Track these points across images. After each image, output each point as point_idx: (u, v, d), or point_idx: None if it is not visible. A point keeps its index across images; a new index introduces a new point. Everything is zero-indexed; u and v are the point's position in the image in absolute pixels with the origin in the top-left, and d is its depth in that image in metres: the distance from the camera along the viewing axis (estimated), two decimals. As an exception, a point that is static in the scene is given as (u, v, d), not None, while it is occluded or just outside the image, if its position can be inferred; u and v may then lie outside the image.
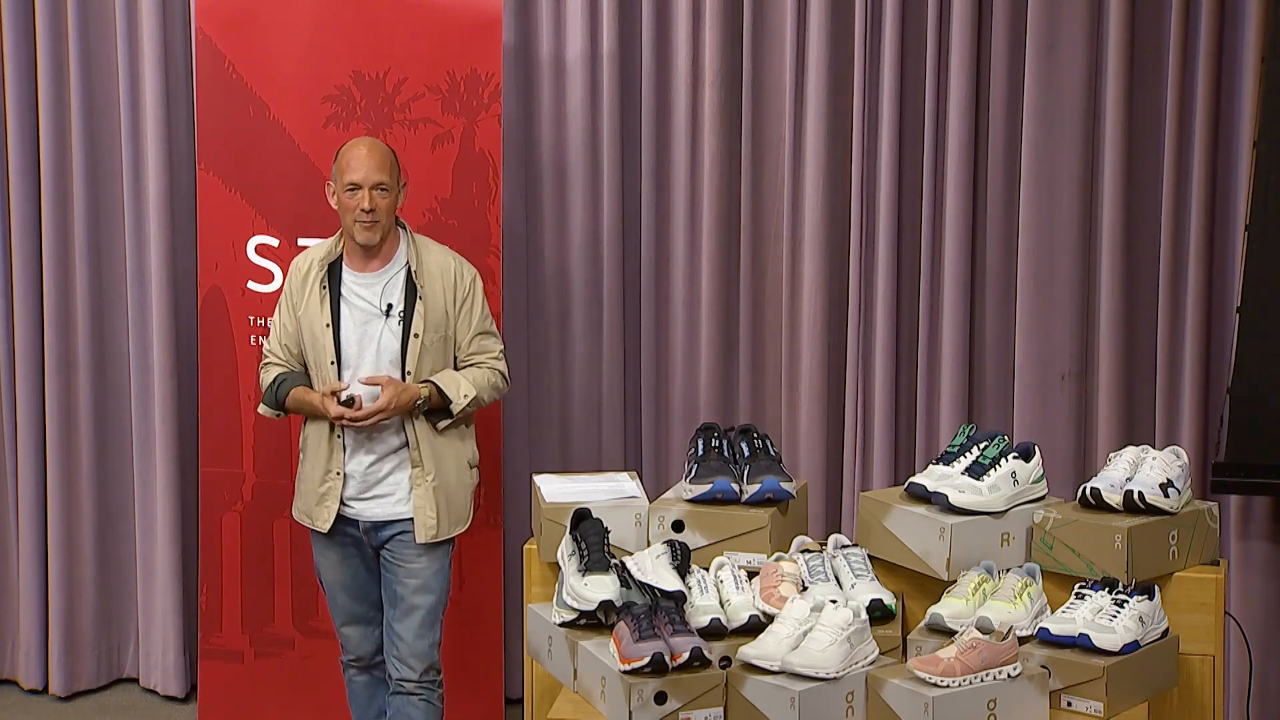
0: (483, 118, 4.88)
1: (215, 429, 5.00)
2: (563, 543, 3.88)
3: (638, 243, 5.21)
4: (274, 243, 4.91)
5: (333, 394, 4.16)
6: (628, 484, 4.19)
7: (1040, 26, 4.85)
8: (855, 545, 3.95)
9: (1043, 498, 3.96)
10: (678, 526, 3.98)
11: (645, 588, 3.69)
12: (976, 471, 3.86)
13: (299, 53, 4.87)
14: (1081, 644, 3.58)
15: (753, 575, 3.85)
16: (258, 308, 4.91)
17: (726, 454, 4.10)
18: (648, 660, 3.45)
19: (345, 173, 4.22)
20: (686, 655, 3.48)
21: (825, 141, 5.01)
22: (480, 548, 5.01)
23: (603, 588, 3.68)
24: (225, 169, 4.91)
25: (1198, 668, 3.80)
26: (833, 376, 5.11)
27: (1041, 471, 3.96)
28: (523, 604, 4.16)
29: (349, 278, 4.26)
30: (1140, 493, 3.80)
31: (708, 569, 3.84)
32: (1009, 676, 3.48)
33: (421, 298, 4.22)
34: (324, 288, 4.24)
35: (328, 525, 4.28)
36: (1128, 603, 3.62)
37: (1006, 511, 3.86)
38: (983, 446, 3.91)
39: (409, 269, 4.25)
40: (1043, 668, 3.56)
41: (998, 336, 5.03)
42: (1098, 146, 4.89)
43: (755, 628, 3.67)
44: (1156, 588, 3.72)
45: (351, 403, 4.15)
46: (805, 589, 3.77)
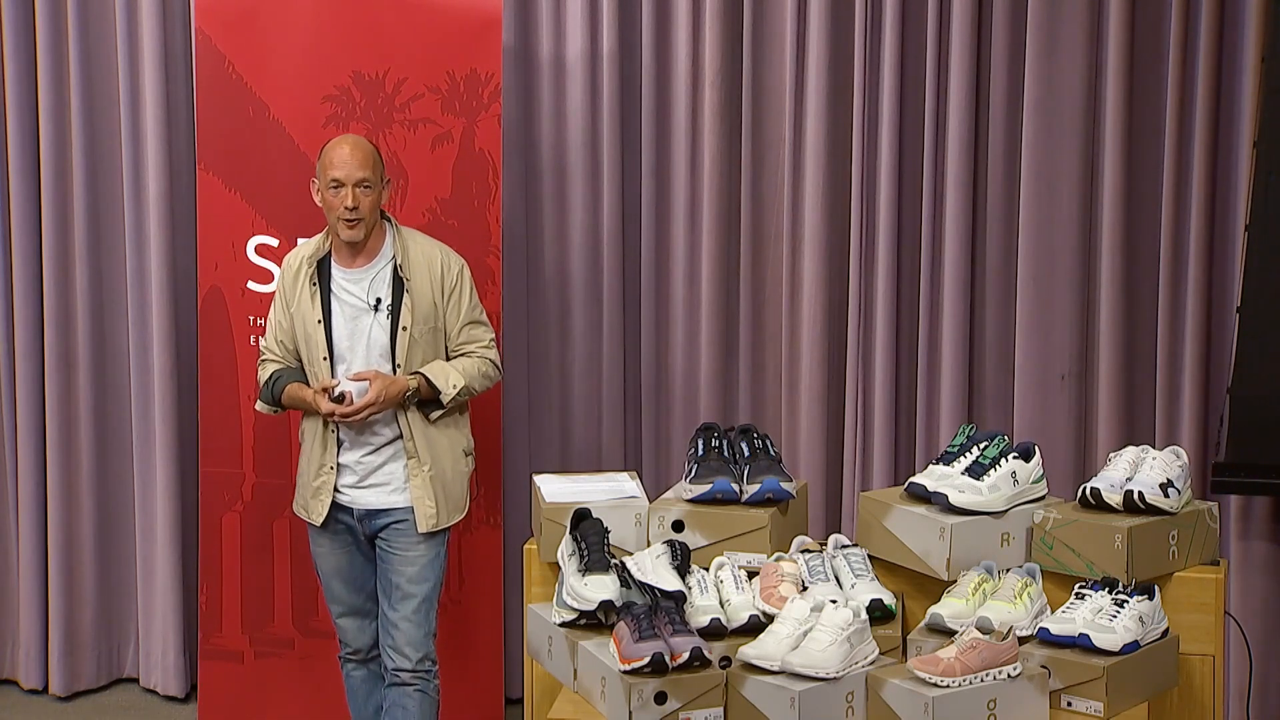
0: (483, 118, 4.88)
1: (215, 429, 5.00)
2: (563, 543, 3.88)
3: (638, 243, 5.21)
4: (274, 243, 4.91)
5: (324, 391, 4.19)
6: (628, 484, 4.19)
7: (1040, 26, 4.85)
8: (855, 545, 3.95)
9: (1043, 498, 3.96)
10: (678, 526, 3.98)
11: (645, 588, 3.69)
12: (976, 471, 3.86)
13: (299, 53, 4.87)
14: (1081, 644, 3.58)
15: (753, 575, 3.85)
16: (258, 308, 4.91)
17: (726, 454, 4.10)
18: (648, 660, 3.45)
19: (328, 170, 4.23)
20: (686, 655, 3.48)
21: (825, 141, 5.01)
22: (480, 548, 5.01)
23: (603, 588, 3.68)
24: (225, 169, 4.91)
25: (1198, 668, 3.80)
26: (833, 376, 5.11)
27: (1041, 471, 3.96)
28: (523, 604, 4.16)
29: (337, 274, 4.28)
30: (1140, 493, 3.80)
31: (708, 569, 3.84)
32: (1009, 676, 3.48)
33: (408, 290, 4.24)
34: (314, 284, 4.27)
35: (321, 518, 4.32)
36: (1128, 603, 3.62)
37: (1006, 511, 3.86)
38: (983, 446, 3.91)
39: (395, 263, 4.27)
40: (1043, 668, 3.56)
41: (998, 336, 5.03)
42: (1098, 146, 4.89)
43: (755, 628, 3.67)
44: (1156, 588, 3.72)
45: (343, 399, 4.17)
46: (805, 589, 3.77)
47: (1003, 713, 3.46)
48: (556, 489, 4.14)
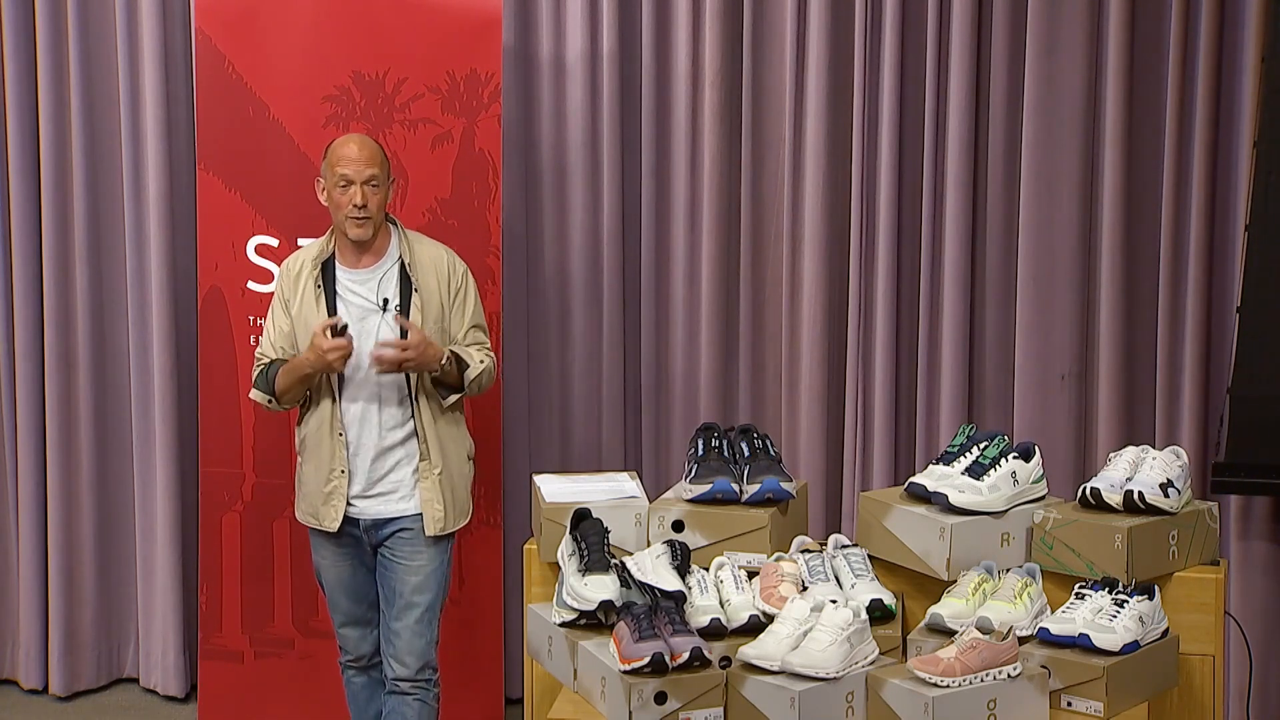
0: (483, 118, 4.88)
1: (215, 429, 5.00)
2: (563, 543, 3.88)
3: (638, 243, 5.21)
4: (274, 243, 4.91)
5: (324, 330, 4.08)
6: (628, 484, 4.19)
7: (1040, 27, 4.85)
8: (855, 545, 3.95)
9: (1043, 498, 3.96)
10: (678, 526, 3.98)
11: (645, 588, 3.69)
12: (976, 471, 3.86)
13: (299, 53, 4.87)
14: (1081, 644, 3.58)
15: (753, 575, 3.85)
16: (258, 308, 4.91)
17: (726, 454, 4.10)
18: (648, 660, 3.45)
19: (336, 168, 4.19)
20: (686, 655, 3.48)
21: (825, 141, 5.01)
22: (480, 548, 5.01)
23: (603, 588, 3.68)
24: (225, 169, 4.91)
25: (1198, 668, 3.80)
26: (833, 376, 5.11)
27: (1041, 471, 3.96)
28: (523, 604, 4.16)
29: (343, 275, 4.24)
30: (1140, 493, 3.80)
31: (708, 569, 3.84)
32: (1009, 676, 3.48)
33: (417, 290, 4.21)
34: (318, 286, 4.22)
35: (336, 524, 4.25)
36: (1128, 603, 3.62)
37: (1006, 511, 3.86)
38: (983, 446, 3.91)
39: (402, 263, 4.23)
40: (1043, 668, 3.56)
41: (998, 336, 5.03)
42: (1098, 146, 4.89)
43: (755, 628, 3.67)
44: (1156, 588, 3.72)
45: (344, 331, 4.09)
46: (805, 589, 3.77)
47: (1003, 713, 3.46)
48: (556, 489, 4.14)
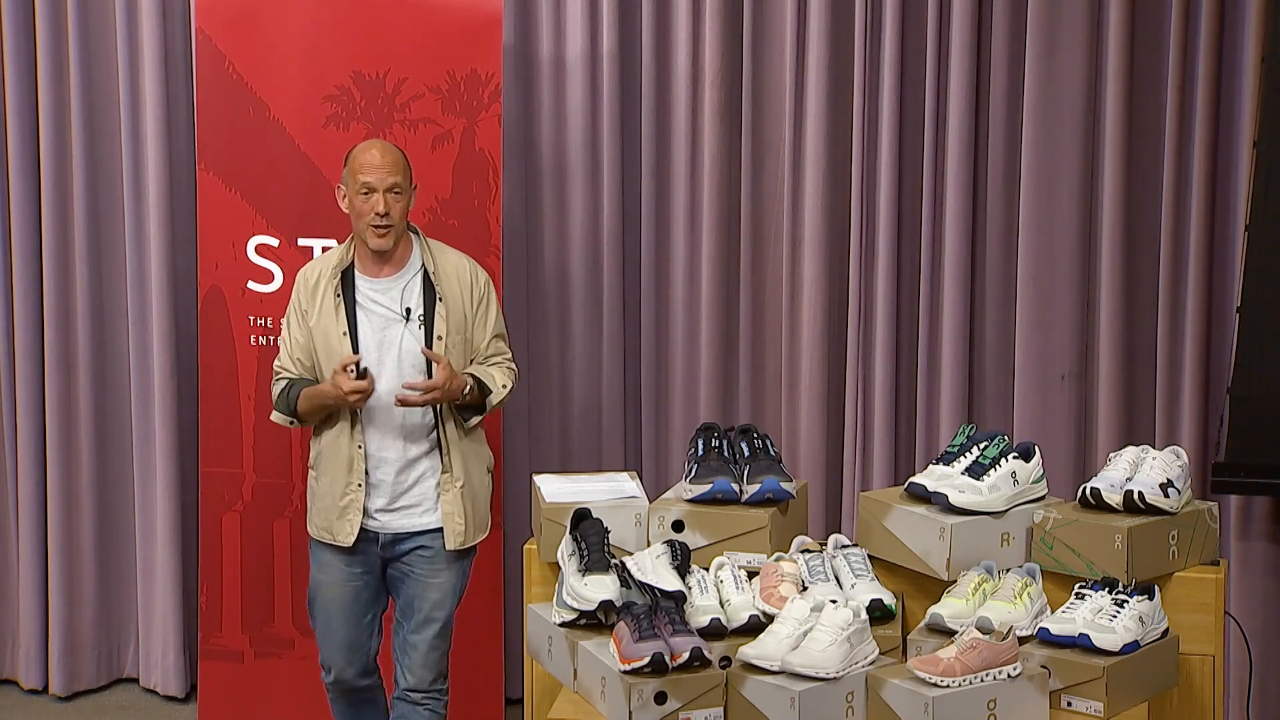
0: (483, 118, 4.88)
1: (215, 429, 5.00)
2: (563, 543, 3.88)
3: (638, 243, 5.21)
4: (274, 243, 4.91)
5: (344, 369, 4.05)
6: (628, 484, 4.19)
7: (1040, 27, 4.85)
8: (855, 545, 3.95)
9: (1043, 498, 3.96)
10: (678, 526, 3.98)
11: (645, 588, 3.68)
12: (976, 471, 3.86)
13: (299, 53, 4.87)
14: (1081, 644, 3.58)
15: (753, 575, 3.85)
16: (258, 308, 4.91)
17: (726, 454, 4.10)
18: (648, 660, 3.45)
19: (358, 175, 4.13)
20: (686, 655, 3.48)
21: (825, 141, 5.01)
22: (480, 548, 4.99)
23: (603, 588, 3.68)
24: (225, 169, 4.91)
25: (1198, 668, 3.80)
26: (833, 376, 5.11)
27: (1041, 471, 3.96)
28: (523, 604, 4.16)
29: (363, 284, 4.18)
30: (1140, 493, 3.80)
31: (708, 569, 3.83)
32: (1009, 676, 3.48)
33: (441, 299, 4.17)
34: (338, 296, 4.16)
35: (352, 538, 4.18)
36: (1128, 603, 3.62)
37: (1006, 511, 3.86)
38: (983, 446, 3.91)
39: (425, 272, 4.19)
40: (1043, 668, 3.56)
41: (998, 336, 5.03)
42: (1098, 146, 4.89)
43: (755, 628, 3.67)
44: (1156, 588, 3.72)
45: (366, 374, 4.07)
46: (805, 589, 3.77)
47: (1003, 713, 3.46)
48: (556, 489, 4.13)
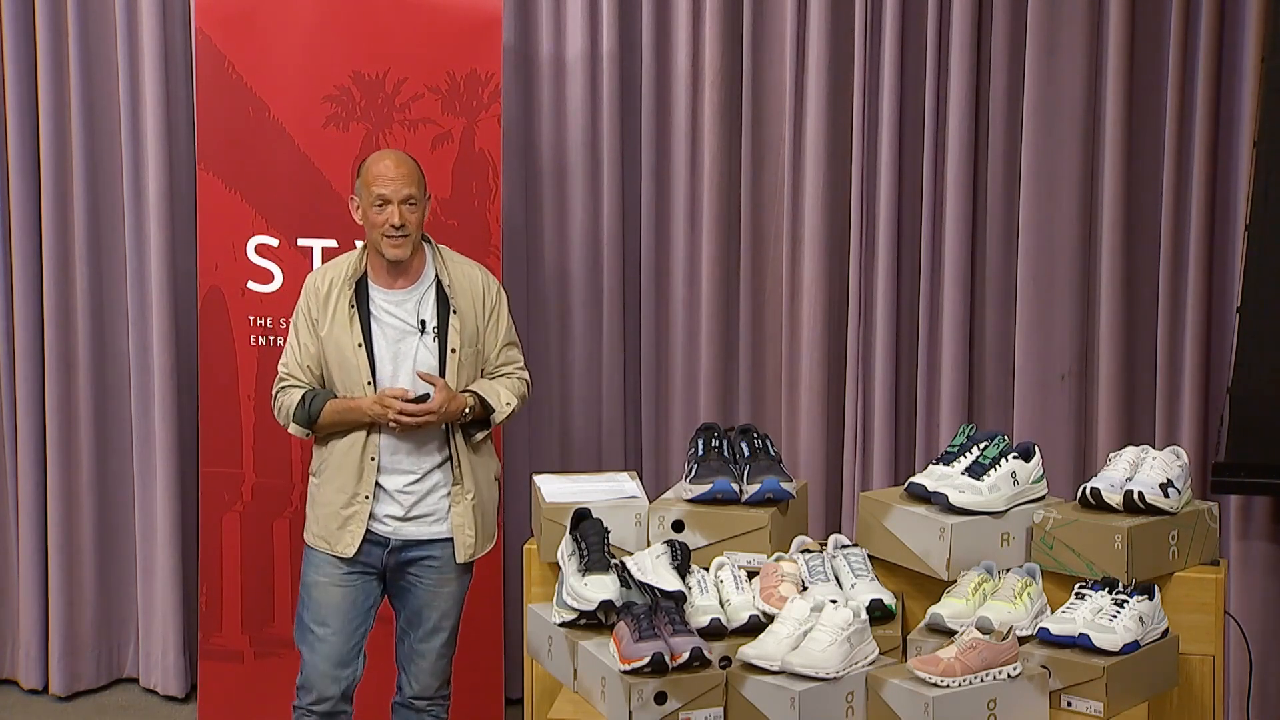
0: (483, 118, 4.88)
1: (215, 429, 5.00)
2: (563, 543, 3.88)
3: (638, 243, 5.21)
4: (274, 243, 4.91)
5: (395, 398, 4.01)
6: (628, 484, 4.19)
7: (1040, 27, 4.85)
8: (855, 545, 3.95)
9: (1043, 498, 3.96)
10: (678, 526, 3.98)
11: (645, 588, 3.68)
12: (976, 471, 3.86)
13: (299, 53, 4.87)
14: (1081, 644, 3.58)
15: (753, 575, 3.85)
16: (258, 308, 4.91)
17: (726, 454, 4.10)
18: (648, 660, 3.45)
19: (372, 186, 4.08)
20: (686, 655, 3.48)
21: (825, 141, 5.01)
22: (480, 548, 5.01)
23: (603, 588, 3.68)
24: (225, 169, 4.91)
25: (1198, 668, 3.80)
26: (833, 376, 5.11)
27: (1041, 471, 3.96)
28: (523, 604, 4.16)
29: (377, 295, 4.14)
30: (1140, 493, 3.80)
31: (708, 569, 3.83)
32: (1009, 676, 3.48)
33: (455, 311, 4.13)
34: (353, 307, 4.11)
35: (352, 550, 4.14)
36: (1128, 603, 3.62)
37: (1006, 511, 3.86)
38: (983, 446, 3.91)
39: (439, 283, 4.15)
40: (1043, 668, 3.56)
41: (998, 336, 5.03)
42: (1098, 146, 4.89)
43: (755, 628, 3.67)
44: (1156, 588, 3.72)
45: (426, 399, 4.04)
46: (805, 589, 3.77)
47: (1003, 713, 3.46)
48: (556, 489, 4.13)
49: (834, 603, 3.61)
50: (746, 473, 4.04)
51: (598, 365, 5.26)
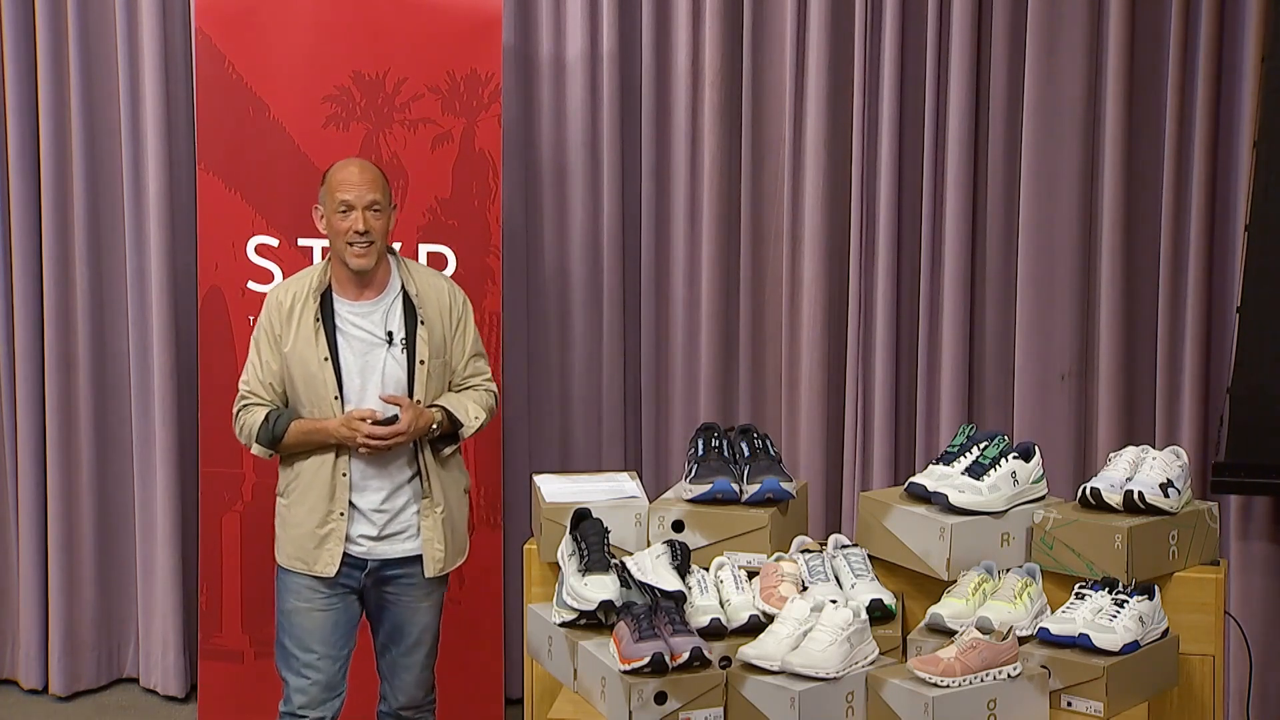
0: (483, 118, 4.88)
1: (215, 429, 4.99)
2: (563, 543, 3.88)
3: (638, 243, 5.21)
4: (274, 243, 4.91)
5: (363, 419, 3.95)
6: (628, 484, 4.19)
7: (1040, 27, 4.85)
8: (855, 545, 3.95)
9: (1043, 498, 3.96)
10: (678, 526, 3.98)
11: (645, 588, 3.68)
12: (976, 471, 3.86)
13: (299, 53, 4.87)
14: (1081, 644, 3.58)
15: (753, 575, 3.85)
16: (257, 308, 4.87)
17: (726, 454, 4.10)
18: (648, 660, 3.45)
19: (336, 193, 4.00)
20: (686, 655, 3.48)
21: (825, 141, 5.01)
22: (480, 548, 5.00)
23: (603, 588, 3.68)
24: (225, 169, 4.91)
25: (1198, 668, 3.80)
26: (833, 376, 5.11)
27: (1041, 471, 3.96)
28: (523, 604, 4.16)
29: (343, 307, 4.05)
30: (1140, 493, 3.80)
31: (708, 569, 3.83)
32: (1009, 676, 3.48)
33: (423, 322, 4.06)
34: (318, 320, 4.02)
35: (333, 569, 4.07)
36: (1128, 603, 3.62)
37: (1006, 511, 3.86)
38: (983, 446, 3.91)
39: (406, 294, 4.08)
40: (1043, 668, 3.56)
41: (998, 336, 5.03)
42: (1098, 146, 4.89)
43: (755, 628, 3.67)
44: (1156, 588, 3.72)
45: (394, 421, 3.97)
46: (805, 589, 3.77)
47: (1003, 713, 3.46)
48: (556, 489, 4.13)
49: (834, 603, 3.61)
50: (746, 473, 4.04)
51: (598, 365, 5.26)
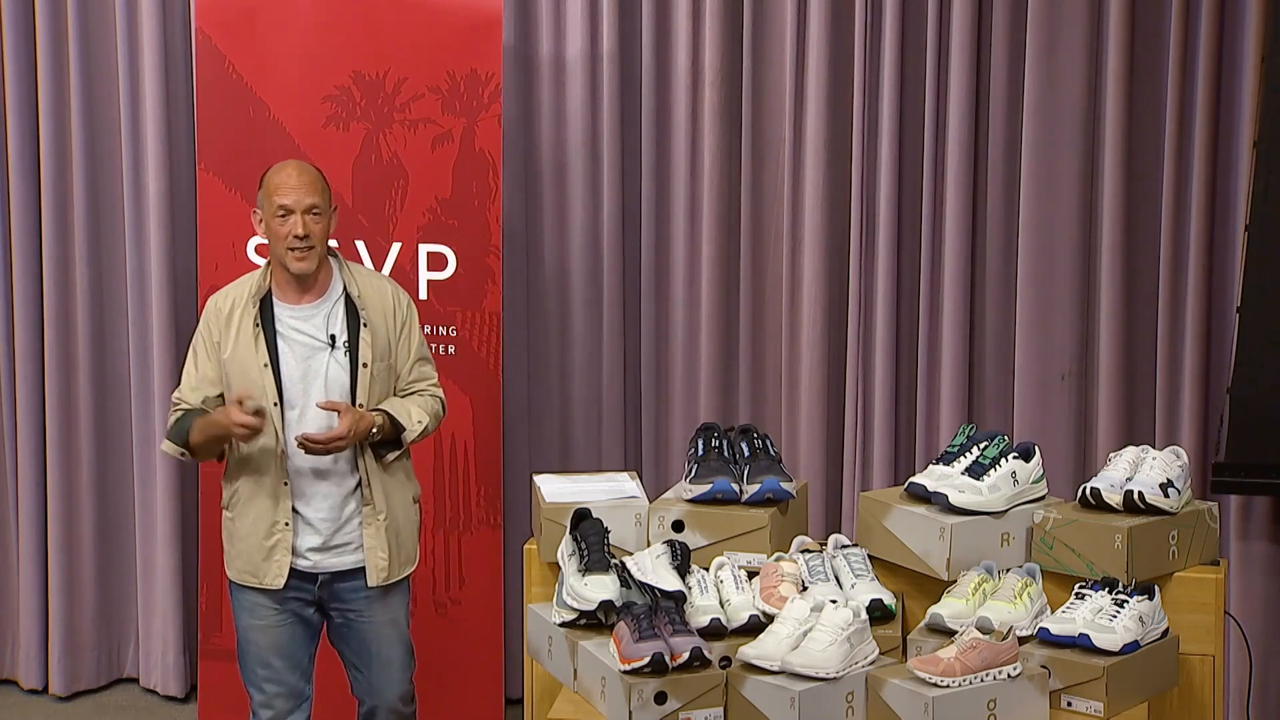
0: (483, 118, 4.88)
1: (215, 429, 4.99)
2: (563, 543, 3.88)
3: (638, 243, 5.21)
4: (274, 243, 4.91)
5: (239, 403, 3.82)
6: (628, 484, 4.19)
7: (1040, 27, 4.85)
8: (855, 545, 3.95)
9: (1043, 498, 3.96)
10: (678, 526, 3.98)
11: (645, 588, 3.68)
12: (976, 471, 3.86)
13: (299, 53, 4.87)
14: (1081, 644, 3.58)
15: (753, 575, 3.85)
16: (258, 308, 4.90)
17: (726, 454, 4.10)
18: (648, 660, 3.45)
19: (274, 196, 3.91)
20: (686, 655, 3.48)
21: (825, 141, 5.01)
22: (480, 548, 5.01)
23: (603, 588, 3.68)
24: (225, 169, 4.91)
25: (1198, 668, 3.80)
26: (833, 376, 5.11)
27: (1041, 471, 3.96)
28: (523, 604, 4.16)
29: (283, 312, 3.97)
30: (1140, 493, 3.80)
31: (708, 569, 3.84)
32: (1009, 676, 3.48)
33: (366, 324, 3.97)
34: (257, 325, 3.94)
35: (282, 579, 3.98)
36: (1128, 603, 3.62)
37: (1006, 511, 3.86)
38: (983, 446, 3.91)
39: (348, 296, 3.99)
40: (1043, 668, 3.56)
41: (998, 336, 5.03)
42: (1098, 146, 4.89)
43: (755, 628, 3.67)
44: (1156, 588, 3.72)
45: (261, 413, 3.85)
46: (805, 589, 3.77)
47: (1003, 713, 3.46)
48: (556, 489, 4.13)
49: (834, 603, 3.61)
50: (746, 473, 4.04)
51: (598, 365, 5.26)
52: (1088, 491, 3.86)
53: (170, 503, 5.35)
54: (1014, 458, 3.89)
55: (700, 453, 4.10)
